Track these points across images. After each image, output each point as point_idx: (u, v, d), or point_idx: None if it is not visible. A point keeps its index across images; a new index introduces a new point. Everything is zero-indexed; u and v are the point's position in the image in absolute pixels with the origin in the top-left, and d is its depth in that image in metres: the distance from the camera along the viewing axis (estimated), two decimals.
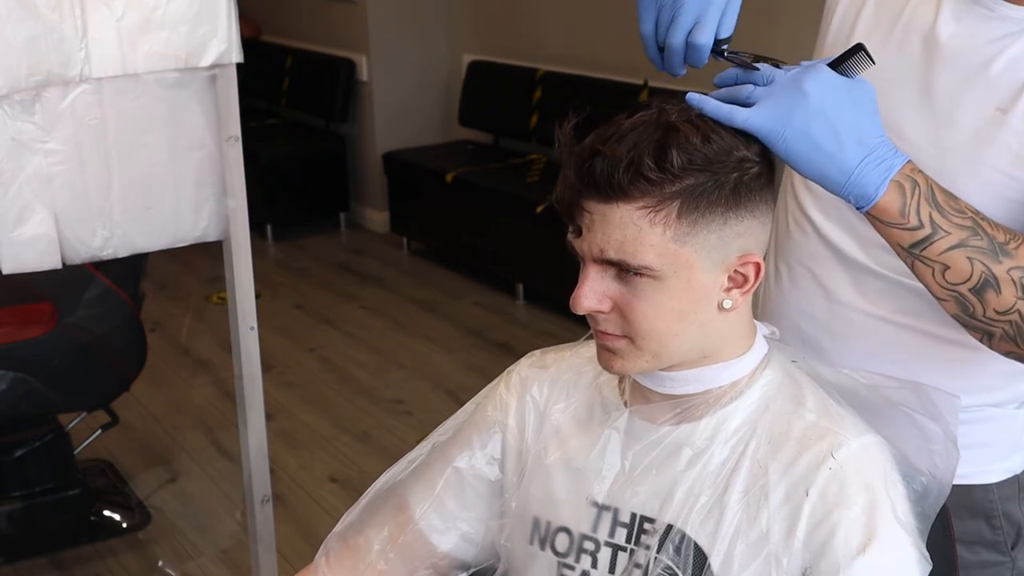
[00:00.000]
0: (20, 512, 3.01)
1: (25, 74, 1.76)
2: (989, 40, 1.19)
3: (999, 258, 1.04)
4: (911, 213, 1.03)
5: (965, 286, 1.05)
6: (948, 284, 1.06)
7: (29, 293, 2.90)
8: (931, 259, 1.05)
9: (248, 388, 2.13)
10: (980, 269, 1.04)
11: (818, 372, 1.16)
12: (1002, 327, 1.06)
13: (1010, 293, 1.05)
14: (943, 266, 1.05)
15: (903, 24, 1.26)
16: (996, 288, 1.05)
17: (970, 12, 1.21)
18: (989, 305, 1.06)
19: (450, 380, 4.08)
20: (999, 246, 1.04)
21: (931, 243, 1.04)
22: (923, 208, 1.03)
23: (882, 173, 1.02)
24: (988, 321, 1.07)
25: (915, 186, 1.03)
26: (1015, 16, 1.18)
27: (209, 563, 2.97)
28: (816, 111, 1.01)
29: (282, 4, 6.39)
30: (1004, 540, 1.31)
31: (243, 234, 2.05)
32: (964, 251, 1.04)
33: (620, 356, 1.09)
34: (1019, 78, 1.17)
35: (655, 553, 1.08)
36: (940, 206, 1.04)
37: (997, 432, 1.28)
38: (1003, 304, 1.05)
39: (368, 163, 5.86)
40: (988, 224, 1.05)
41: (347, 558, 1.27)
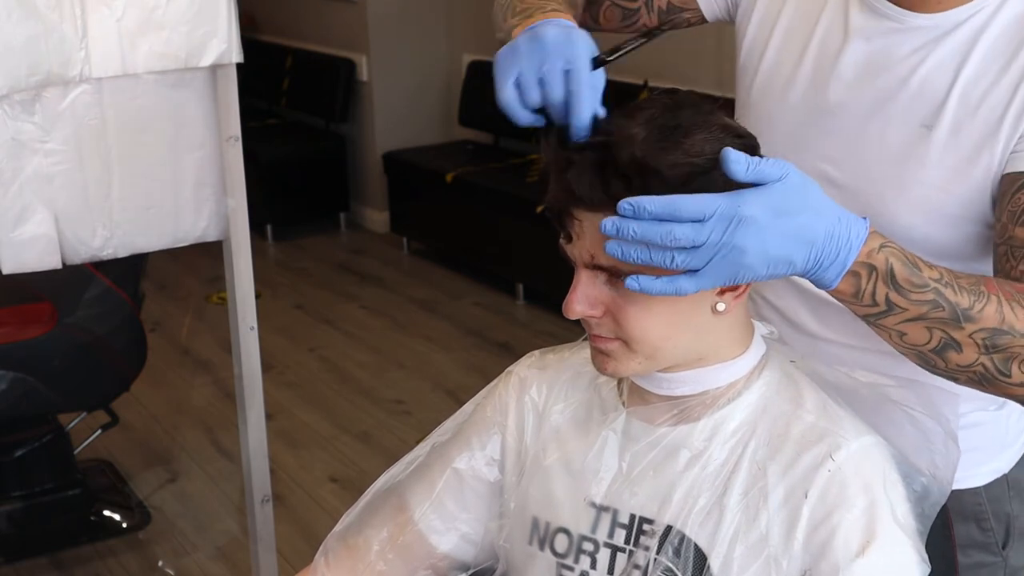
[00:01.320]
0: (20, 512, 3.01)
1: (25, 74, 1.76)
2: (904, 56, 1.19)
3: (961, 324, 1.01)
4: (866, 296, 1.00)
5: (924, 348, 1.04)
6: (906, 346, 1.04)
7: (29, 293, 2.90)
8: (888, 327, 1.03)
9: (248, 388, 2.13)
10: (939, 336, 1.02)
11: (817, 372, 1.16)
12: (966, 375, 1.05)
13: (972, 352, 1.02)
14: (900, 333, 1.03)
15: (813, 51, 1.26)
16: (957, 349, 1.02)
17: (879, 29, 1.21)
18: (951, 362, 1.04)
19: (450, 380, 4.08)
20: (962, 312, 1.01)
21: (886, 317, 1.02)
22: (879, 291, 1.00)
23: (836, 270, 0.98)
24: (950, 372, 1.05)
25: (871, 272, 0.99)
26: (926, 25, 1.18)
27: (209, 563, 2.97)
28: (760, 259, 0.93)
29: (282, 4, 6.39)
30: (995, 541, 1.31)
31: (243, 234, 2.05)
32: (922, 323, 1.02)
33: (613, 358, 1.08)
34: (939, 90, 1.16)
35: (654, 554, 1.08)
36: (899, 286, 1.00)
37: (983, 436, 1.28)
38: (965, 360, 1.03)
39: (368, 163, 5.86)
40: (953, 290, 1.01)
41: (346, 558, 1.27)
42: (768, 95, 1.30)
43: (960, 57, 1.16)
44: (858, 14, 1.23)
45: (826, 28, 1.26)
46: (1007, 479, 1.32)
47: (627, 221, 0.93)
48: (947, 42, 1.16)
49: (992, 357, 1.02)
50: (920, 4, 1.18)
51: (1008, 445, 1.32)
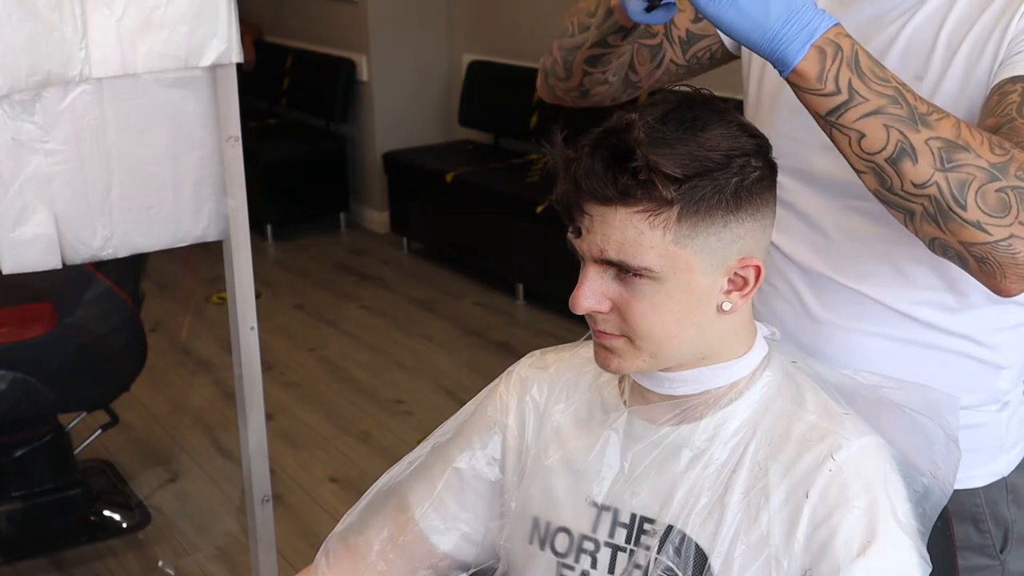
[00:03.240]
0: (20, 512, 3.01)
1: (25, 74, 1.76)
2: (893, 17, 1.21)
3: (917, 127, 0.99)
4: (828, 79, 0.99)
5: (881, 155, 1.00)
6: (864, 153, 1.01)
7: (29, 293, 2.89)
8: (847, 127, 1.00)
9: (248, 388, 2.13)
10: (896, 137, 0.99)
11: (818, 372, 1.16)
12: (921, 203, 1.01)
13: (927, 163, 0.99)
14: (859, 134, 1.00)
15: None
16: (913, 157, 0.99)
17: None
18: (906, 177, 1.00)
19: (450, 380, 4.08)
20: (920, 116, 0.99)
21: (847, 109, 1.00)
22: (843, 73, 0.99)
23: (804, 37, 0.98)
24: (906, 195, 1.01)
25: (837, 51, 0.99)
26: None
27: (209, 563, 2.97)
28: None
29: (283, 4, 6.39)
30: (992, 544, 1.31)
31: (243, 234, 2.05)
32: (880, 118, 0.99)
33: (617, 355, 1.09)
34: (927, 41, 1.18)
35: (655, 554, 1.08)
36: (862, 72, 0.99)
37: (983, 438, 1.28)
38: (920, 176, 0.99)
39: (368, 163, 5.86)
40: (912, 95, 1.01)
41: (347, 558, 1.27)
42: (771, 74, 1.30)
43: (945, 9, 1.18)
44: None
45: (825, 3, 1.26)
46: (1006, 483, 1.31)
47: None
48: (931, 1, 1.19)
49: (947, 176, 0.99)
50: None
51: (1008, 449, 1.32)
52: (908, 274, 1.22)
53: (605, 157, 1.01)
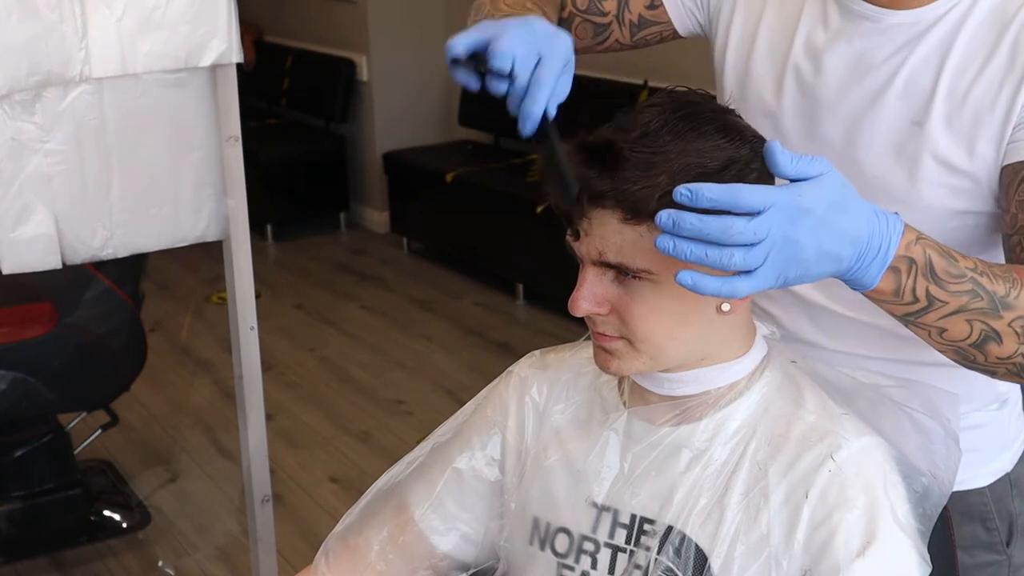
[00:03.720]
0: (20, 512, 3.01)
1: (25, 74, 1.76)
2: (887, 55, 1.18)
3: (1000, 313, 1.00)
4: (906, 292, 0.99)
5: (964, 343, 1.02)
6: (947, 342, 1.03)
7: (29, 293, 2.89)
8: (927, 325, 1.02)
9: (248, 388, 2.13)
10: (980, 328, 1.01)
11: (818, 372, 1.16)
12: (1005, 367, 1.04)
13: (1012, 342, 1.01)
14: (940, 329, 1.02)
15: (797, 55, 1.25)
16: (998, 341, 1.02)
17: (859, 30, 1.20)
18: (991, 355, 1.03)
19: (450, 380, 4.08)
20: (999, 300, 1.00)
21: (927, 313, 1.01)
22: (919, 285, 0.99)
23: (879, 265, 0.96)
24: (990, 366, 1.05)
25: (911, 265, 0.98)
26: (905, 22, 1.17)
27: (209, 563, 2.97)
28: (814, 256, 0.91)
29: (283, 4, 6.39)
30: (1000, 539, 1.31)
31: (243, 234, 2.05)
32: (963, 315, 1.01)
33: (617, 357, 1.08)
34: (925, 86, 1.16)
35: (655, 554, 1.08)
36: (938, 278, 0.99)
37: (985, 437, 1.28)
38: (1005, 352, 1.02)
39: (368, 163, 5.86)
40: (988, 278, 1.01)
41: (347, 559, 1.27)
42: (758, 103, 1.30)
43: (942, 51, 1.16)
44: (836, 16, 1.23)
45: (808, 32, 1.25)
46: (1009, 478, 1.32)
47: (684, 214, 0.87)
48: (928, 38, 1.16)
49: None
50: (898, 2, 1.18)
51: (1009, 444, 1.33)
52: None
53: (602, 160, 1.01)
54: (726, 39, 1.34)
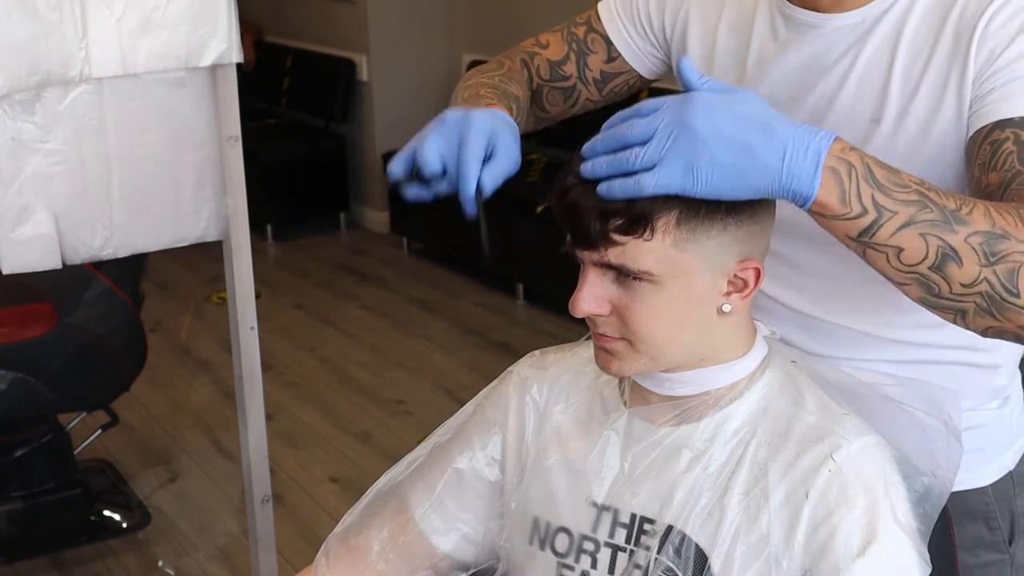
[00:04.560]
0: (20, 512, 3.01)
1: (25, 74, 1.76)
2: (836, 57, 1.19)
3: (953, 227, 0.94)
4: (852, 200, 0.94)
5: (923, 265, 0.96)
6: (905, 267, 0.96)
7: (29, 293, 2.89)
8: (881, 244, 0.96)
9: (248, 388, 2.13)
10: (936, 244, 0.94)
11: (818, 372, 1.16)
12: (972, 300, 0.96)
13: (972, 262, 0.94)
14: (896, 248, 0.96)
15: (750, 72, 1.26)
16: (957, 260, 0.95)
17: (805, 37, 1.21)
18: (954, 280, 0.95)
19: (450, 380, 4.08)
20: (951, 214, 0.94)
21: (879, 228, 0.95)
22: (863, 191, 0.94)
23: (812, 161, 0.93)
24: (955, 297, 0.97)
25: (850, 169, 0.94)
26: (849, 23, 1.18)
27: (209, 563, 2.97)
28: (714, 138, 0.92)
29: (282, 4, 6.39)
30: (1003, 538, 1.31)
31: (243, 234, 2.05)
32: (915, 228, 0.94)
33: (618, 358, 1.09)
34: (878, 82, 1.16)
35: (655, 554, 1.08)
36: (881, 184, 0.95)
37: (987, 436, 1.28)
38: (967, 276, 0.95)
39: (368, 163, 5.86)
40: (936, 193, 0.96)
41: (347, 559, 1.27)
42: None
43: (891, 46, 1.16)
44: (783, 27, 1.23)
45: (759, 50, 1.26)
46: (1012, 476, 1.32)
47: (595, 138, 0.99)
48: (875, 35, 1.17)
49: (994, 269, 0.94)
50: (837, 5, 1.18)
51: (1011, 443, 1.33)
52: (893, 302, 1.18)
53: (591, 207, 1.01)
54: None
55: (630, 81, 1.43)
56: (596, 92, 1.43)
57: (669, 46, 1.38)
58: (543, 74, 1.43)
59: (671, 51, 1.38)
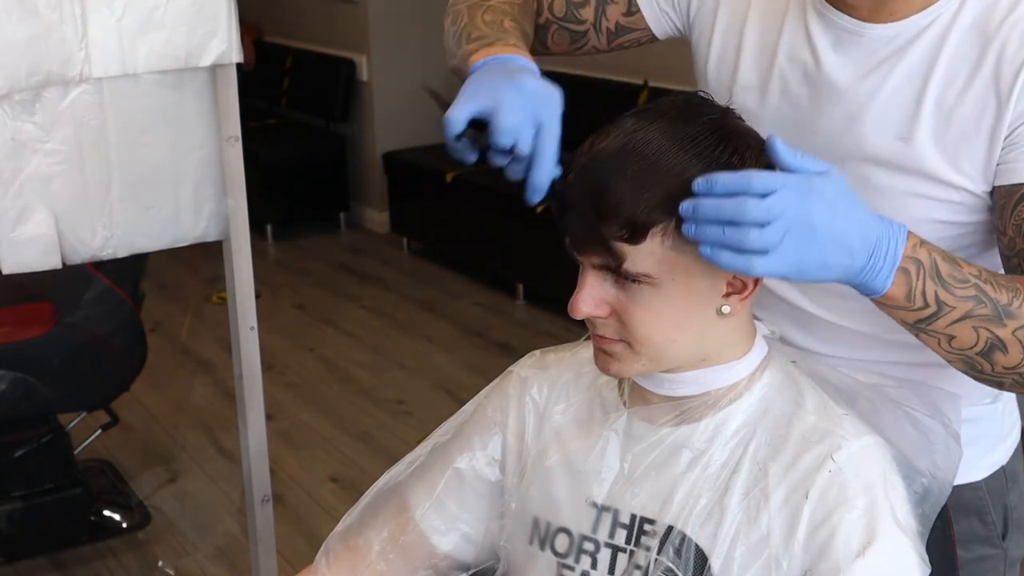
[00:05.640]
0: (20, 512, 3.00)
1: (25, 74, 1.76)
2: (870, 68, 1.18)
3: (1004, 322, 1.02)
4: (917, 297, 1.01)
5: (972, 351, 1.04)
6: (954, 350, 1.05)
7: (29, 293, 2.89)
8: (936, 332, 1.04)
9: (248, 388, 2.13)
10: (986, 336, 1.03)
11: (818, 372, 1.16)
12: (1011, 377, 1.06)
13: (1017, 351, 1.03)
14: (949, 336, 1.04)
15: (780, 64, 1.25)
16: (1003, 350, 1.03)
17: (842, 41, 1.20)
18: (997, 364, 1.05)
19: (450, 380, 4.08)
20: (1002, 309, 1.02)
21: (936, 320, 1.03)
22: (928, 288, 1.01)
23: (889, 266, 0.98)
24: (997, 376, 1.06)
25: (919, 267, 1.00)
26: (887, 35, 1.16)
27: (209, 563, 2.97)
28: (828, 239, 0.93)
29: (283, 4, 6.39)
30: (996, 533, 1.32)
31: (243, 234, 2.05)
32: (969, 322, 1.02)
33: (617, 359, 1.08)
34: (909, 101, 1.15)
35: (655, 554, 1.08)
36: (944, 281, 1.01)
37: (980, 430, 1.28)
38: (1011, 362, 1.04)
39: (368, 163, 5.86)
40: (991, 287, 1.03)
41: (347, 559, 1.27)
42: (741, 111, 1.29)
43: (926, 66, 1.15)
44: (817, 27, 1.22)
45: (790, 43, 1.24)
46: (1005, 471, 1.32)
47: (703, 200, 0.92)
48: (911, 52, 1.15)
49: None
50: (876, 15, 1.17)
51: (1004, 437, 1.33)
52: None
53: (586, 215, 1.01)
54: (708, 47, 1.33)
55: (641, 39, 1.40)
56: (605, 42, 1.41)
57: (690, 22, 1.36)
58: (556, 11, 1.39)
59: (692, 28, 1.36)
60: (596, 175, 1.01)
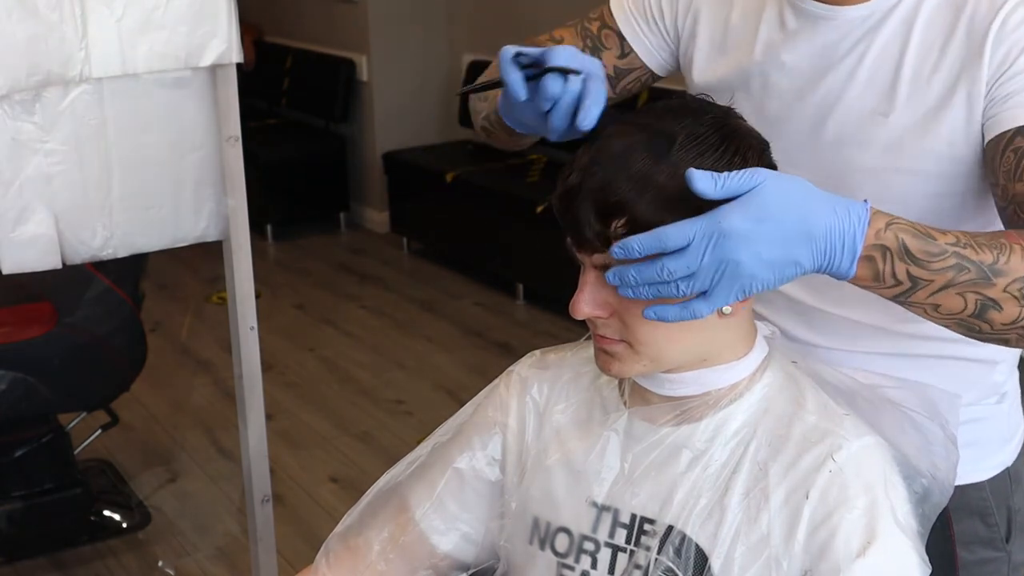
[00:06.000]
0: (20, 512, 3.00)
1: (25, 74, 1.76)
2: (846, 51, 1.19)
3: (992, 280, 0.98)
4: (887, 277, 0.97)
5: (963, 314, 1.00)
6: (944, 316, 1.01)
7: (29, 293, 2.89)
8: (919, 303, 1.00)
9: (248, 388, 2.13)
10: (975, 299, 0.99)
11: (818, 373, 1.16)
12: (1016, 332, 1.01)
13: (1013, 307, 0.98)
14: (933, 305, 1.00)
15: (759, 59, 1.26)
16: (997, 308, 0.99)
17: (815, 28, 1.21)
18: (995, 323, 1.00)
19: (450, 380, 4.08)
20: (989, 268, 0.98)
21: (913, 293, 0.99)
22: (899, 268, 0.97)
23: (848, 258, 0.95)
24: (999, 333, 1.01)
25: (884, 252, 0.96)
26: (859, 15, 1.18)
27: (209, 563, 2.97)
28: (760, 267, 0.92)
29: (283, 4, 6.39)
30: (999, 535, 1.32)
31: (243, 234, 2.05)
32: (953, 290, 0.98)
33: (618, 360, 1.08)
34: (887, 76, 1.16)
35: (655, 554, 1.08)
36: (916, 259, 0.97)
37: (985, 430, 1.28)
38: (1009, 317, 0.99)
39: (368, 163, 5.86)
40: (973, 249, 0.98)
41: (347, 559, 1.27)
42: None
43: (901, 40, 1.16)
44: (792, 17, 1.23)
45: (767, 36, 1.26)
46: (1009, 472, 1.32)
47: (624, 268, 0.95)
48: (884, 28, 1.17)
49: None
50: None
51: (1009, 438, 1.33)
52: None
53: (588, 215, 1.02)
54: (692, 51, 1.35)
55: (642, 78, 1.43)
56: (610, 89, 1.42)
57: (679, 39, 1.38)
58: None
59: (680, 44, 1.38)
60: (598, 175, 1.01)
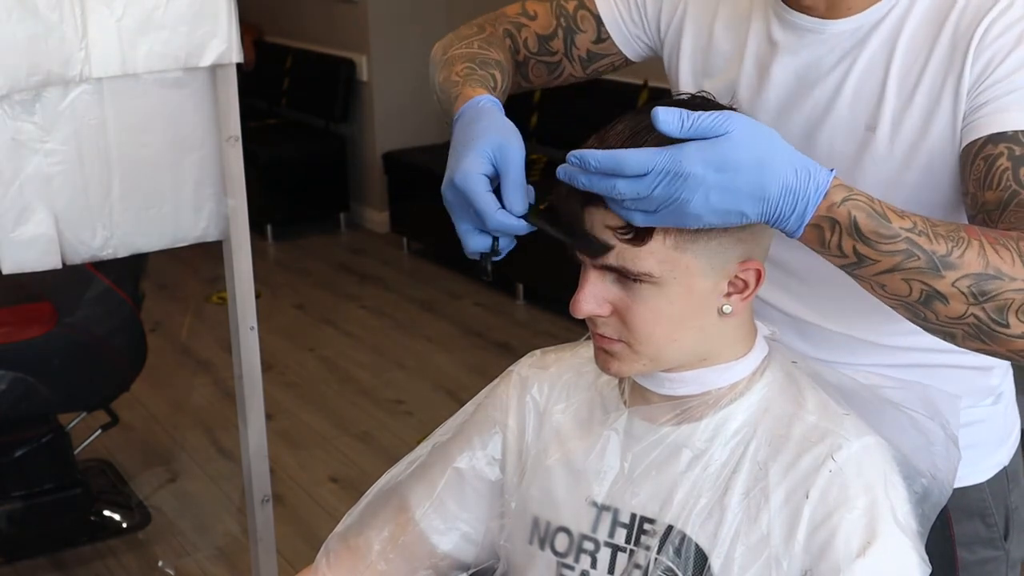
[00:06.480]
0: (20, 512, 3.00)
1: (25, 74, 1.76)
2: (832, 64, 1.18)
3: (940, 273, 0.95)
4: (832, 247, 0.96)
5: (908, 299, 0.97)
6: (889, 296, 0.99)
7: (29, 293, 2.89)
8: (864, 278, 0.98)
9: (248, 388, 2.13)
10: (919, 288, 0.96)
11: (818, 373, 1.16)
12: (961, 328, 0.97)
13: (959, 303, 0.95)
14: (879, 284, 0.98)
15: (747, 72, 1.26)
16: (943, 301, 0.96)
17: (802, 42, 1.20)
18: (940, 314, 0.97)
19: (450, 380, 4.08)
20: (939, 260, 0.95)
21: (859, 268, 0.97)
22: (845, 243, 0.95)
23: (796, 222, 0.95)
24: (943, 324, 0.98)
25: (834, 225, 0.95)
26: (846, 29, 1.17)
27: (209, 563, 2.97)
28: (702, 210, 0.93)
29: (283, 4, 6.39)
30: (999, 535, 1.32)
31: (243, 234, 2.05)
32: (898, 274, 0.96)
33: (617, 359, 1.09)
34: (874, 90, 1.16)
35: (655, 554, 1.08)
36: (865, 238, 0.95)
37: (982, 432, 1.29)
38: (954, 312, 0.96)
39: (368, 163, 5.86)
40: (927, 238, 0.95)
41: (347, 559, 1.27)
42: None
43: (886, 54, 1.16)
44: (779, 30, 1.23)
45: (755, 47, 1.25)
46: (1006, 472, 1.32)
47: (575, 171, 0.96)
48: (871, 42, 1.16)
49: (983, 307, 0.95)
50: (833, 11, 1.17)
51: (1005, 438, 1.33)
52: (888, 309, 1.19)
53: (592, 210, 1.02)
54: (677, 58, 1.35)
55: (615, 63, 1.44)
56: (580, 69, 1.44)
57: (662, 40, 1.38)
58: (531, 47, 1.43)
59: (663, 45, 1.38)
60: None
